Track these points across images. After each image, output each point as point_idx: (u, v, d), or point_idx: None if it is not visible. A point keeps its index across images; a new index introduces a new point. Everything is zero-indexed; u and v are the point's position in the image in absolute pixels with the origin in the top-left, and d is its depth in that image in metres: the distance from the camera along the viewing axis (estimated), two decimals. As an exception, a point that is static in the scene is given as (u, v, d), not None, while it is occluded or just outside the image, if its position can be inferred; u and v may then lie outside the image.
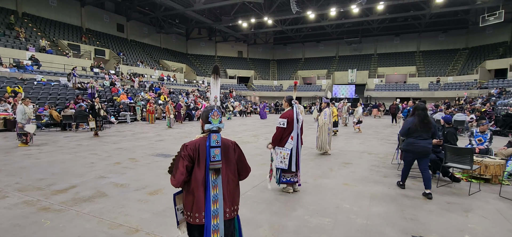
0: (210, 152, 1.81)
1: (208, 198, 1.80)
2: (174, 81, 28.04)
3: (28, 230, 2.92)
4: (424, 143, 4.10)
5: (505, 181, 4.74)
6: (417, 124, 4.12)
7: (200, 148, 1.84)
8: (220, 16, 31.92)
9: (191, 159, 1.83)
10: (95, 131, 10.21)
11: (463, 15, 28.32)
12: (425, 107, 4.30)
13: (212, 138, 1.83)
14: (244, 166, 2.04)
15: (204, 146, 1.85)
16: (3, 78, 14.21)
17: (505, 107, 14.83)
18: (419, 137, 4.13)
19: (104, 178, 4.79)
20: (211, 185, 1.82)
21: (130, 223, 3.10)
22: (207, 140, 1.85)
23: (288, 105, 4.19)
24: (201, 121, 1.95)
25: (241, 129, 13.39)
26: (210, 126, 1.87)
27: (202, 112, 1.95)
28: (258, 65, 40.01)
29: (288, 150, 4.03)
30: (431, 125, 4.15)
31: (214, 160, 1.82)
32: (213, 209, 1.80)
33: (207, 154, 1.82)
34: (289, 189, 4.18)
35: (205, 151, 1.84)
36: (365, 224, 3.15)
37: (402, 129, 4.43)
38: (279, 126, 4.02)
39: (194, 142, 1.87)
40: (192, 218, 1.81)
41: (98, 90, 17.29)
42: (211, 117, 1.88)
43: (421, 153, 4.13)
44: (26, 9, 21.78)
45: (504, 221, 3.32)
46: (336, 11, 25.48)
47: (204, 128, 1.90)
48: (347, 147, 8.46)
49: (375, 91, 30.55)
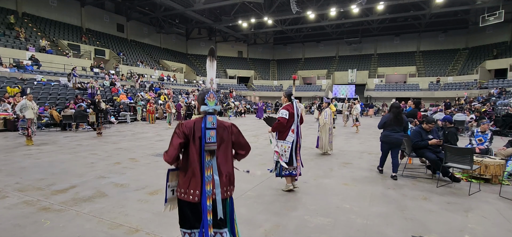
0: (205, 133, 1.84)
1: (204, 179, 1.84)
2: (174, 81, 28.04)
3: (28, 230, 2.92)
4: (397, 136, 4.91)
5: (505, 181, 4.74)
6: (392, 119, 4.96)
7: (196, 128, 1.88)
8: (220, 16, 31.92)
9: (185, 136, 1.86)
10: (98, 129, 10.25)
11: (463, 15, 28.33)
12: (399, 105, 5.17)
13: (208, 120, 1.86)
14: (243, 146, 2.09)
15: (199, 126, 1.88)
16: (3, 78, 14.22)
17: (505, 107, 14.82)
18: (393, 130, 4.94)
19: (104, 178, 4.79)
20: (205, 166, 1.84)
21: (130, 223, 3.10)
22: (202, 121, 1.88)
23: (287, 100, 4.22)
24: (197, 102, 1.98)
25: (241, 129, 13.36)
26: (206, 108, 1.89)
27: (198, 94, 2.00)
28: (258, 65, 40.01)
29: (289, 143, 4.06)
30: (403, 121, 4.97)
31: (209, 142, 1.84)
32: (207, 189, 1.84)
33: (202, 135, 1.85)
34: (289, 186, 4.19)
35: (201, 131, 1.86)
36: (365, 224, 3.15)
37: (379, 123, 5.18)
38: (281, 116, 4.03)
39: (189, 121, 1.91)
40: (187, 194, 1.84)
41: (98, 89, 17.30)
42: (207, 99, 1.91)
43: (394, 144, 4.93)
44: (26, 9, 21.79)
45: (504, 221, 3.32)
46: (336, 11, 25.48)
47: (200, 110, 1.92)
48: (347, 147, 8.46)
49: (375, 91, 30.56)
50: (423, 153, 4.94)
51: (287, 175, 4.13)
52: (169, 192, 2.00)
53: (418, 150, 5.01)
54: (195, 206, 1.86)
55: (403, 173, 5.32)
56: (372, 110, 26.06)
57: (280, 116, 4.04)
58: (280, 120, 4.02)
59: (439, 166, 4.70)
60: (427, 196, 4.10)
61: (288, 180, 4.20)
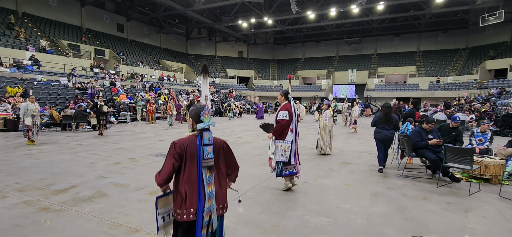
0: (203, 150, 1.85)
1: (200, 196, 1.84)
2: (174, 81, 28.04)
3: (28, 230, 2.92)
4: (386, 132, 5.46)
5: (505, 181, 4.74)
6: (381, 118, 5.53)
7: (189, 146, 1.87)
8: (220, 16, 31.92)
9: (179, 157, 1.85)
10: (100, 130, 10.25)
11: (463, 15, 28.32)
12: (390, 106, 5.72)
13: (205, 136, 1.88)
14: (233, 163, 2.10)
15: (193, 144, 1.88)
16: (3, 78, 14.21)
17: (505, 107, 14.82)
18: (383, 127, 5.48)
19: (104, 178, 4.79)
20: (206, 183, 1.85)
21: (130, 223, 3.10)
22: (197, 138, 1.89)
23: (284, 99, 4.20)
24: (191, 120, 1.97)
25: (241, 129, 13.39)
26: (202, 125, 1.90)
27: (192, 111, 1.97)
28: (258, 65, 40.01)
29: (289, 142, 4.07)
30: (392, 120, 5.48)
31: (207, 158, 1.86)
32: (208, 205, 1.84)
33: (199, 152, 1.86)
34: (289, 185, 4.20)
35: (195, 149, 1.87)
36: (365, 224, 3.15)
37: (372, 121, 5.79)
38: (282, 118, 4.02)
39: (183, 140, 1.90)
40: (181, 215, 1.83)
41: (98, 90, 17.29)
42: (202, 116, 1.91)
43: (383, 140, 5.47)
44: (26, 9, 21.78)
45: (504, 221, 3.32)
46: (336, 11, 25.47)
47: (195, 127, 1.93)
48: (347, 147, 8.46)
49: (375, 91, 30.55)
50: (423, 153, 4.94)
51: (288, 174, 4.14)
52: (160, 220, 1.96)
53: (418, 150, 5.01)
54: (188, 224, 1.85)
55: (403, 173, 5.32)
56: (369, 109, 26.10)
57: (281, 118, 4.03)
58: (281, 123, 4.01)
59: (439, 166, 4.70)
60: (427, 196, 4.10)
61: (287, 179, 4.21)
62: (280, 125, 4.02)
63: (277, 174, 4.18)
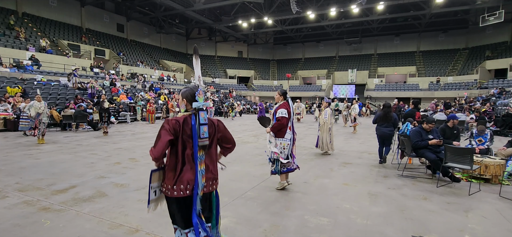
0: (200, 129, 1.90)
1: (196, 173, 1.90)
2: (174, 81, 28.04)
3: (28, 230, 2.91)
4: (385, 129, 6.01)
5: (505, 181, 4.74)
6: (381, 116, 6.11)
7: (185, 124, 1.90)
8: (220, 16, 31.92)
9: (175, 133, 1.88)
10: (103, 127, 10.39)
11: (463, 15, 28.32)
12: (390, 105, 6.27)
13: (201, 116, 1.92)
14: (230, 140, 2.19)
15: (188, 123, 1.91)
16: (3, 78, 14.22)
17: (505, 107, 14.82)
18: (383, 125, 6.06)
19: (104, 178, 4.79)
20: (199, 161, 1.92)
21: (130, 223, 3.10)
22: (192, 118, 1.93)
23: (282, 98, 4.22)
24: (184, 100, 1.99)
25: (241, 129, 13.39)
26: (198, 104, 1.93)
27: (185, 91, 2.00)
28: (258, 65, 40.01)
29: (288, 140, 4.10)
30: (391, 118, 6.03)
31: (203, 137, 1.91)
32: (202, 182, 1.92)
33: (194, 131, 1.90)
34: (285, 184, 4.21)
35: (190, 127, 1.91)
36: (365, 224, 3.15)
37: (373, 119, 6.40)
38: (282, 116, 4.03)
39: (178, 118, 1.93)
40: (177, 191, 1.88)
41: (98, 90, 17.29)
42: (197, 95, 1.94)
43: (381, 136, 6.07)
44: (26, 9, 21.78)
45: (504, 221, 3.32)
46: (336, 11, 25.48)
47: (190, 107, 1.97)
48: (347, 147, 8.45)
49: (375, 91, 30.55)
50: (423, 153, 4.94)
51: (286, 171, 4.16)
52: (152, 193, 2.00)
53: (418, 150, 5.01)
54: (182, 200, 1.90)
55: (403, 173, 5.32)
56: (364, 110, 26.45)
57: (281, 116, 4.03)
58: (281, 121, 4.02)
59: (439, 166, 4.70)
60: (427, 196, 4.10)
61: (283, 178, 4.22)
62: (280, 123, 4.02)
63: (273, 171, 4.19)
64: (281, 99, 4.21)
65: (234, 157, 6.75)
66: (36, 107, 8.38)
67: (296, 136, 4.40)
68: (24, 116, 9.64)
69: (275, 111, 4.15)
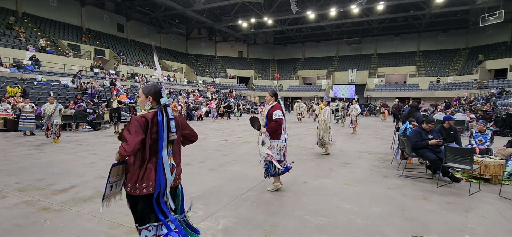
0: (169, 124, 1.97)
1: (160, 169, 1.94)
2: (174, 81, 28.04)
3: (28, 230, 2.91)
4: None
5: (505, 181, 4.73)
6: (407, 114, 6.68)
7: (152, 121, 1.94)
8: (220, 16, 31.92)
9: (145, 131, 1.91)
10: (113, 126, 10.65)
11: (463, 15, 28.33)
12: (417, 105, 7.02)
13: (169, 111, 2.00)
14: (193, 134, 2.29)
15: (156, 119, 1.95)
16: (3, 78, 14.22)
17: (505, 107, 14.82)
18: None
19: (104, 178, 4.77)
20: (168, 155, 1.98)
21: (130, 223, 3.09)
22: (158, 114, 1.97)
23: (274, 99, 4.13)
24: (150, 97, 2.03)
25: (241, 129, 13.39)
26: (165, 101, 2.01)
27: (150, 89, 2.05)
28: (258, 65, 40.01)
29: (283, 141, 4.07)
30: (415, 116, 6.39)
31: (173, 131, 1.99)
32: (169, 177, 1.98)
33: (161, 127, 1.94)
34: (279, 186, 4.18)
35: (157, 124, 1.94)
36: (365, 224, 3.15)
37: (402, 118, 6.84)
38: (279, 118, 3.98)
39: (146, 114, 1.96)
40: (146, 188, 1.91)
41: (98, 90, 17.28)
42: (163, 92, 2.04)
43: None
44: (26, 9, 21.78)
45: (504, 221, 3.32)
46: (336, 11, 25.48)
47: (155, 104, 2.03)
48: (347, 147, 8.45)
49: (375, 91, 30.56)
50: (423, 153, 4.93)
51: (282, 172, 4.12)
52: (108, 188, 2.00)
53: (418, 150, 5.01)
54: (148, 197, 1.93)
55: (403, 173, 5.32)
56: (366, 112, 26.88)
57: (278, 118, 3.98)
58: (278, 121, 3.98)
59: (439, 166, 4.70)
60: (427, 196, 4.10)
61: (277, 180, 4.17)
62: (277, 123, 3.97)
63: (272, 173, 4.09)
64: (272, 100, 4.13)
65: (234, 157, 6.75)
66: (46, 108, 8.68)
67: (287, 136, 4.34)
68: (24, 116, 9.68)
69: (269, 112, 4.06)
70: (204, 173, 5.30)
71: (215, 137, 10.40)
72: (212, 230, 2.96)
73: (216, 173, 5.32)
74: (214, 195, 4.04)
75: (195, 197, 3.94)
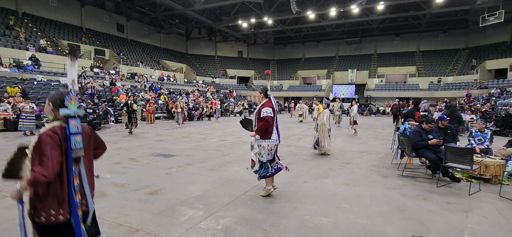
0: (70, 139, 1.65)
1: (70, 191, 1.67)
2: (174, 81, 28.05)
3: (28, 230, 2.91)
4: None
5: (505, 181, 4.73)
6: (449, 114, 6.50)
7: (62, 136, 1.65)
8: (220, 16, 31.93)
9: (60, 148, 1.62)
10: (130, 128, 10.66)
11: (463, 15, 28.33)
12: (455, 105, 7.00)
13: (71, 124, 1.67)
14: (102, 144, 2.09)
15: (64, 134, 1.67)
16: (3, 78, 14.22)
17: (505, 107, 14.81)
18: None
19: (104, 178, 4.78)
20: (73, 175, 1.68)
21: (130, 223, 3.10)
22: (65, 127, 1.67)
23: (264, 97, 3.98)
24: (51, 105, 1.71)
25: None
26: (67, 111, 1.67)
27: (53, 96, 1.73)
28: (258, 65, 40.01)
29: (274, 141, 3.87)
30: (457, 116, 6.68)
31: (75, 148, 1.67)
32: (77, 200, 1.69)
33: (68, 143, 1.64)
34: (270, 189, 3.97)
35: (66, 139, 1.65)
36: (365, 224, 3.15)
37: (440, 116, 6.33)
38: (268, 115, 3.77)
39: (55, 129, 1.66)
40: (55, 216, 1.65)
41: (98, 90, 17.28)
42: (67, 101, 1.68)
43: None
44: (26, 9, 21.79)
45: (504, 221, 3.32)
46: (336, 11, 25.48)
47: (57, 114, 1.70)
48: (347, 147, 8.45)
49: (375, 91, 30.56)
50: (423, 153, 4.93)
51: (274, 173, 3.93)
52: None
53: (418, 150, 5.01)
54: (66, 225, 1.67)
55: (403, 173, 5.32)
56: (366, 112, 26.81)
57: (267, 116, 3.77)
58: (268, 119, 3.77)
59: (439, 166, 4.69)
60: (427, 196, 4.10)
61: (268, 183, 3.96)
62: (266, 121, 3.76)
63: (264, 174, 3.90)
64: (262, 97, 3.98)
65: (234, 157, 6.76)
66: None
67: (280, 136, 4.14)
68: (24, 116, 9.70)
69: (258, 111, 3.88)
70: (204, 173, 5.30)
71: (215, 137, 10.40)
72: (212, 230, 2.96)
73: (216, 173, 5.32)
74: (214, 195, 4.04)
75: (195, 197, 3.94)
